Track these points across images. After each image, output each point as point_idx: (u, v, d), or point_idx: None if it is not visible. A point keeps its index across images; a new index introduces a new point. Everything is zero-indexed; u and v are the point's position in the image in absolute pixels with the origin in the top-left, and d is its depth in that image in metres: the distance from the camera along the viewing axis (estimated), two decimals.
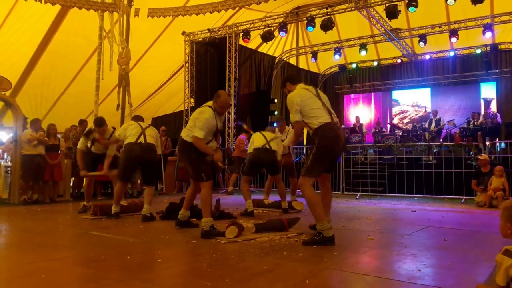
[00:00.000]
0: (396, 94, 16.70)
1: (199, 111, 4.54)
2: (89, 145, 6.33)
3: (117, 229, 4.99)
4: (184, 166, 4.70)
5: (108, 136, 6.35)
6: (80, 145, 6.35)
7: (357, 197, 9.27)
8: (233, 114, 13.01)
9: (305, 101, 4.06)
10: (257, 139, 6.45)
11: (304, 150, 11.80)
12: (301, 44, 16.56)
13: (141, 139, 5.74)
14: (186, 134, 4.56)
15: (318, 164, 3.97)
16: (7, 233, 5.04)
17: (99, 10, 10.51)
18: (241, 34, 12.85)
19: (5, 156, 10.09)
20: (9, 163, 9.31)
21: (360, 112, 16.94)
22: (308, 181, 3.96)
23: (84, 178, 6.72)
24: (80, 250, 3.90)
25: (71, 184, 9.45)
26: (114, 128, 6.66)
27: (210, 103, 4.58)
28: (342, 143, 4.17)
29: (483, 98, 13.96)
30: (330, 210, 4.43)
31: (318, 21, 11.85)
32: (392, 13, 10.72)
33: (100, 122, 6.28)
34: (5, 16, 10.39)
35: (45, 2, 9.69)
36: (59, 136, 8.81)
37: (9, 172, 9.07)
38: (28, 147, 8.05)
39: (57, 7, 10.43)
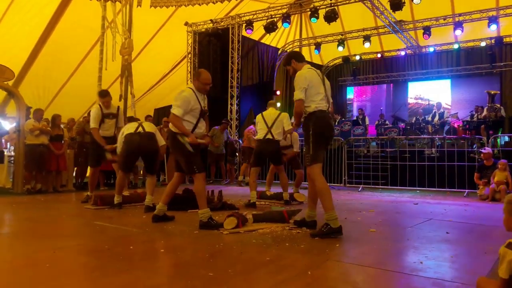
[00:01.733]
0: (399, 86, 16.63)
1: (178, 91, 4.49)
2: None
3: (120, 219, 5.02)
4: (176, 157, 4.59)
5: (114, 110, 6.40)
6: (93, 123, 6.18)
7: (359, 189, 9.27)
8: (235, 105, 12.99)
9: (313, 84, 4.06)
10: (260, 128, 6.40)
11: None
12: (304, 35, 16.47)
13: (140, 129, 5.82)
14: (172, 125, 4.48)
15: (319, 149, 4.02)
16: (11, 223, 5.07)
17: (102, 0, 10.45)
18: (244, 25, 12.79)
19: (8, 146, 10.12)
20: (12, 153, 9.34)
21: (363, 104, 16.89)
22: (316, 169, 3.98)
23: (89, 169, 6.71)
24: (84, 239, 3.92)
25: (74, 174, 9.49)
26: (119, 108, 6.64)
27: (190, 85, 4.56)
28: (333, 132, 4.28)
29: (487, 92, 13.90)
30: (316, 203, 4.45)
31: (321, 13, 11.77)
32: (396, 4, 10.63)
33: (104, 92, 6.43)
34: (8, 5, 10.35)
35: None
36: (62, 126, 8.83)
37: (12, 161, 9.11)
38: (31, 137, 8.07)
39: None
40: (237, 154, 11.84)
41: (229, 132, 12.28)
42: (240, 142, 11.93)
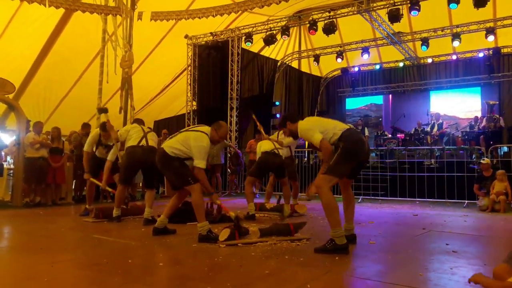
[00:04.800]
0: (397, 98, 16.69)
1: (198, 137, 4.35)
2: (94, 149, 6.40)
3: (118, 232, 5.00)
4: (168, 176, 4.56)
5: (111, 143, 6.40)
6: (86, 147, 6.39)
7: (359, 200, 9.25)
8: (235, 117, 13.02)
9: (317, 123, 4.02)
10: (266, 144, 6.56)
11: (306, 153, 11.79)
12: (303, 47, 16.58)
13: (143, 142, 5.73)
14: (169, 149, 4.39)
15: (342, 165, 3.77)
16: (10, 236, 5.06)
17: (103, 14, 10.55)
18: (243, 38, 12.88)
19: (8, 159, 10.12)
20: (12, 166, 9.34)
21: (362, 115, 16.93)
22: (328, 182, 3.74)
23: (87, 181, 6.74)
24: (82, 253, 3.91)
25: (73, 187, 9.47)
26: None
27: (206, 129, 4.45)
28: (366, 148, 4.02)
29: (486, 102, 13.95)
30: (353, 216, 4.25)
31: (320, 25, 11.87)
32: (394, 16, 10.72)
33: (105, 127, 6.41)
34: (9, 19, 10.45)
35: (49, 6, 9.75)
36: (63, 139, 8.84)
37: (11, 174, 9.10)
38: (31, 150, 8.07)
39: (61, 11, 10.48)
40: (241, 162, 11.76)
41: (229, 142, 12.24)
42: (240, 152, 11.94)
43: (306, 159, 11.41)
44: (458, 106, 15.27)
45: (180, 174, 4.39)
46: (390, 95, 16.90)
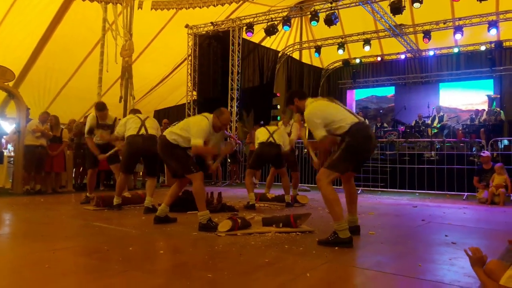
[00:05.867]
0: (399, 90, 16.66)
1: (198, 119, 4.45)
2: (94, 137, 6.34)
3: (119, 221, 5.02)
4: (169, 164, 4.55)
5: (110, 122, 6.37)
6: (86, 133, 6.29)
7: (359, 192, 9.25)
8: (235, 107, 13.00)
9: (325, 112, 3.78)
10: (261, 134, 6.53)
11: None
12: (304, 38, 16.51)
13: (143, 131, 5.72)
14: (170, 135, 4.44)
15: (345, 161, 3.69)
16: (11, 223, 5.08)
17: (103, 2, 10.49)
18: (244, 28, 12.82)
19: (9, 147, 10.12)
20: (12, 154, 9.34)
21: (362, 107, 16.93)
22: (327, 176, 3.67)
23: (87, 170, 6.72)
24: (83, 240, 3.92)
25: (73, 175, 9.49)
26: (116, 118, 6.65)
27: (207, 114, 4.48)
28: (372, 143, 3.87)
29: (487, 95, 13.93)
30: (356, 207, 4.17)
31: (322, 16, 11.80)
32: (396, 8, 10.67)
33: (101, 106, 6.33)
34: (9, 7, 10.38)
35: None
36: (62, 127, 8.83)
37: (12, 162, 9.11)
38: (31, 137, 8.06)
39: None
40: (237, 155, 11.82)
41: (229, 133, 12.25)
42: (240, 143, 11.96)
43: (306, 150, 11.40)
44: (458, 99, 15.25)
45: (182, 163, 4.41)
46: (391, 87, 16.87)
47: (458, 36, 12.55)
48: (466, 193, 8.39)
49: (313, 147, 4.34)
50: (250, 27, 12.65)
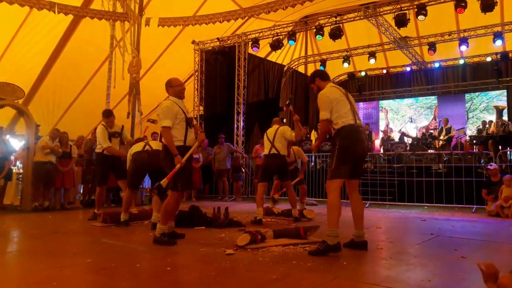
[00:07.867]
0: (404, 102, 16.65)
1: (162, 104, 4.61)
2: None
3: (126, 237, 5.03)
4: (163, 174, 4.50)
5: (118, 129, 6.46)
6: (104, 144, 6.23)
7: (367, 205, 9.20)
8: (241, 122, 13.06)
9: (337, 102, 4.02)
10: (264, 145, 6.52)
11: (313, 157, 11.75)
12: (309, 52, 16.61)
13: (147, 147, 5.87)
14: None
15: (342, 165, 3.90)
16: (19, 240, 5.10)
17: (111, 20, 10.67)
18: (250, 43, 12.94)
19: (18, 164, 10.22)
20: (21, 170, 9.43)
21: (369, 120, 16.91)
22: (334, 184, 3.89)
23: (96, 187, 6.72)
24: (91, 257, 3.93)
25: (81, 191, 9.54)
26: (123, 126, 6.72)
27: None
28: (363, 146, 4.08)
29: (495, 106, 13.87)
30: (362, 222, 4.13)
31: (326, 30, 11.89)
32: (401, 21, 10.72)
33: (108, 113, 6.45)
34: (19, 26, 10.60)
35: (58, 12, 9.88)
36: (71, 143, 8.92)
37: (20, 179, 9.19)
38: (40, 154, 8.15)
39: (70, 17, 10.63)
40: (242, 170, 11.80)
41: (235, 146, 12.25)
42: (247, 157, 11.96)
43: (313, 163, 11.38)
44: (466, 111, 15.19)
45: (178, 175, 4.31)
46: (397, 100, 16.84)
47: (463, 47, 12.56)
48: (475, 206, 8.29)
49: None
50: (255, 42, 12.77)
